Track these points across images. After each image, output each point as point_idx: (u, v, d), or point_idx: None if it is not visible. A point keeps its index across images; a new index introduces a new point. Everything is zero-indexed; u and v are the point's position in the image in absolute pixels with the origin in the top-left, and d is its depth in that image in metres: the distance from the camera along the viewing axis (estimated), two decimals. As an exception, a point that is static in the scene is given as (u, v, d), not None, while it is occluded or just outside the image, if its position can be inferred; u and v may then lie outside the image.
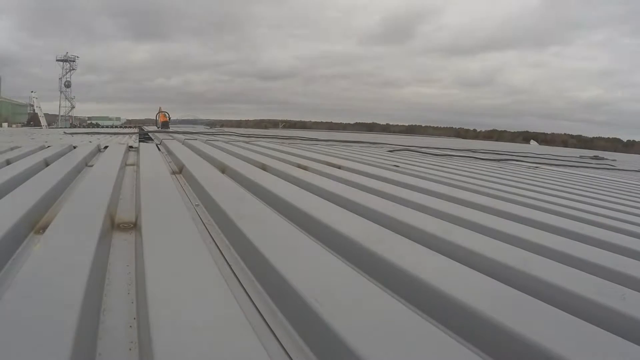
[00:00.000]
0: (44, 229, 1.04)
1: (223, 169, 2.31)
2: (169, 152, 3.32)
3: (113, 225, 1.16)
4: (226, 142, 4.56)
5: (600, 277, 0.87)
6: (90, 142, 4.14)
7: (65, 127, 17.75)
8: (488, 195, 1.95)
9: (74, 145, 3.43)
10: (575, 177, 3.65)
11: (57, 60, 36.45)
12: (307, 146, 4.94)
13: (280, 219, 1.23)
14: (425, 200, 1.59)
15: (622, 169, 5.55)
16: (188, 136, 5.61)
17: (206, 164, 2.53)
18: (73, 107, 36.57)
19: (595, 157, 7.45)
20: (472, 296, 0.70)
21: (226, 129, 11.53)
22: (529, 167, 4.30)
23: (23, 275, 0.71)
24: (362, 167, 2.71)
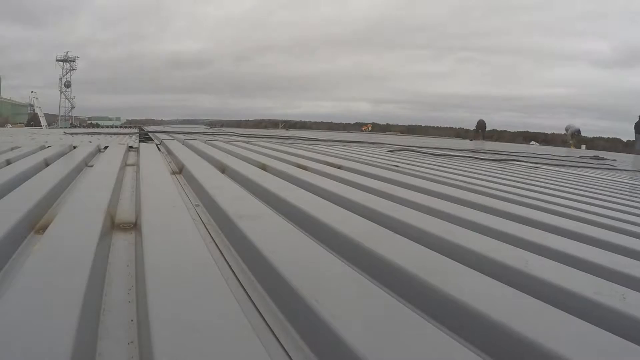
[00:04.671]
0: (44, 229, 1.04)
1: (223, 169, 2.31)
2: (169, 152, 3.33)
3: (113, 225, 1.16)
4: (226, 142, 4.56)
5: (600, 277, 0.87)
6: (90, 142, 4.14)
7: (65, 127, 17.76)
8: (488, 195, 1.95)
9: (74, 145, 3.43)
10: (575, 177, 3.65)
11: (57, 60, 36.49)
12: (307, 146, 4.94)
13: (280, 219, 1.23)
14: (425, 200, 1.59)
15: (622, 169, 5.55)
16: (188, 136, 5.61)
17: (206, 164, 2.53)
18: (73, 107, 36.59)
19: (595, 157, 7.44)
20: (472, 296, 0.70)
21: (226, 129, 11.53)
22: (529, 167, 4.30)
23: (23, 275, 0.71)
24: (362, 167, 2.71)
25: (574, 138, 16.40)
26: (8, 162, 2.17)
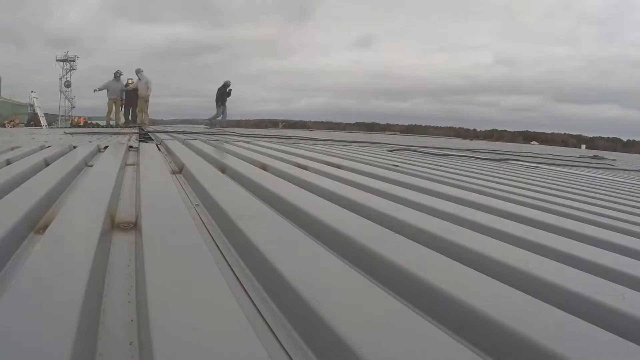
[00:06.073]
0: (44, 229, 1.04)
1: (223, 169, 2.31)
2: (169, 152, 3.32)
3: (113, 225, 1.16)
4: (226, 142, 4.56)
5: (600, 277, 0.87)
6: (90, 142, 4.14)
7: (66, 127, 17.79)
8: (488, 194, 1.95)
9: (74, 145, 3.43)
10: (575, 176, 3.65)
11: (57, 60, 36.42)
12: (307, 146, 4.93)
13: (280, 219, 1.23)
14: (425, 200, 1.59)
15: (622, 169, 5.55)
16: (188, 136, 5.61)
17: (206, 164, 2.53)
18: (73, 107, 36.56)
19: (595, 157, 7.45)
20: (472, 296, 0.70)
21: (226, 129, 11.52)
22: (529, 167, 4.30)
23: (23, 275, 0.71)
24: (362, 167, 2.71)
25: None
26: (8, 162, 2.17)
